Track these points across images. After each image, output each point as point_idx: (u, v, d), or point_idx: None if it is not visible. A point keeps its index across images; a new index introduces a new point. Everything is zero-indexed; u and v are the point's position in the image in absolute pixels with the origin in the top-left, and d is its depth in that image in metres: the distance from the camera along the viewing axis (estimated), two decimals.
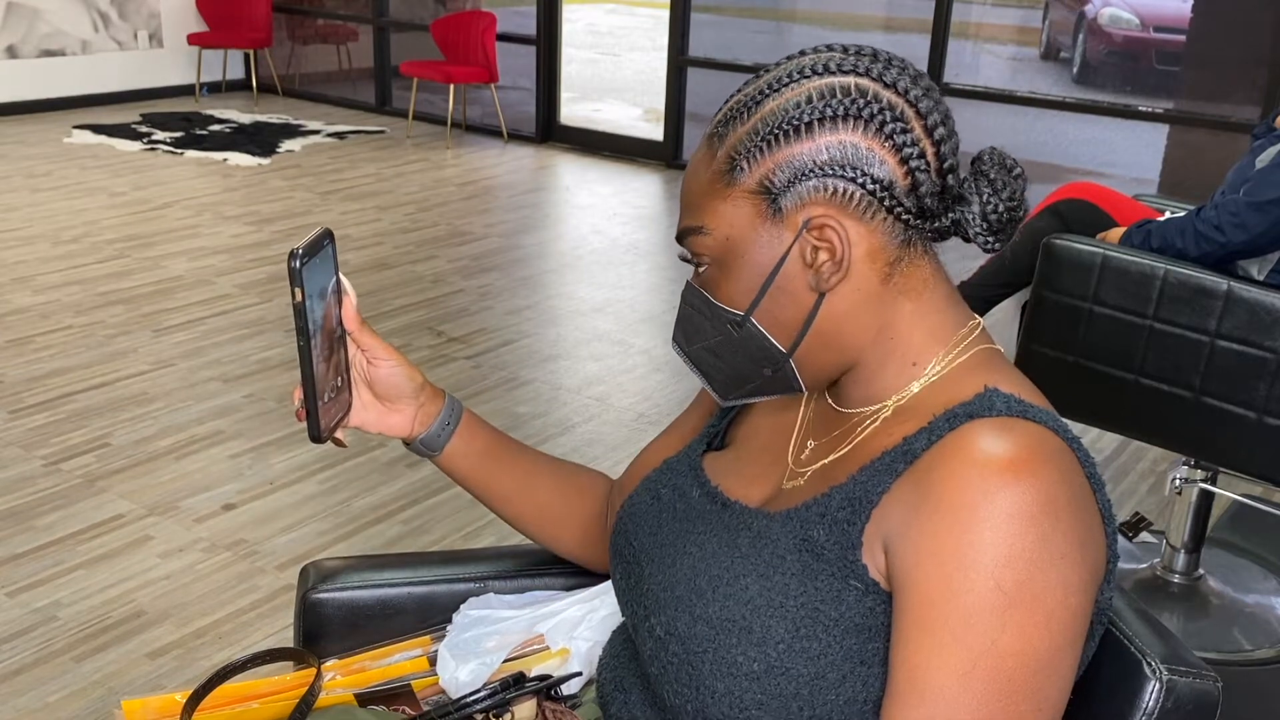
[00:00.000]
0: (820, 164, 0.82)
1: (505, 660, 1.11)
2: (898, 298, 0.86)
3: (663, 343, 3.71)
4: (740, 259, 0.86)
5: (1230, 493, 2.45)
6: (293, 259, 0.87)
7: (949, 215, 0.85)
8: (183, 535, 2.50)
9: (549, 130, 6.75)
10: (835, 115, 0.82)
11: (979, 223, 0.85)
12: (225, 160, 5.97)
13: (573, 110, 7.53)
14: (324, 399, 0.94)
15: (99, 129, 6.51)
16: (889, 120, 0.82)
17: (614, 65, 10.81)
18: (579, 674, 1.11)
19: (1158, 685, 0.84)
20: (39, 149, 6.06)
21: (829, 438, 0.91)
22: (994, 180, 0.85)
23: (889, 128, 0.82)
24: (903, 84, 0.84)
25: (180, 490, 2.68)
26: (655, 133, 6.53)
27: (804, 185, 0.83)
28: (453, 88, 6.58)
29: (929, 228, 0.85)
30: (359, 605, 1.18)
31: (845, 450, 0.88)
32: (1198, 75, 5.24)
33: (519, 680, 1.09)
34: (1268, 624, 2.35)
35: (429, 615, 1.19)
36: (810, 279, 0.84)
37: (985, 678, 0.73)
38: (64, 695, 1.99)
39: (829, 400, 0.93)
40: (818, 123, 0.82)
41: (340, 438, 1.00)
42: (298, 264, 0.87)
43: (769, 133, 0.83)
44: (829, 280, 0.84)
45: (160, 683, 2.03)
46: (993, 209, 0.85)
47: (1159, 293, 2.03)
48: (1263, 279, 2.09)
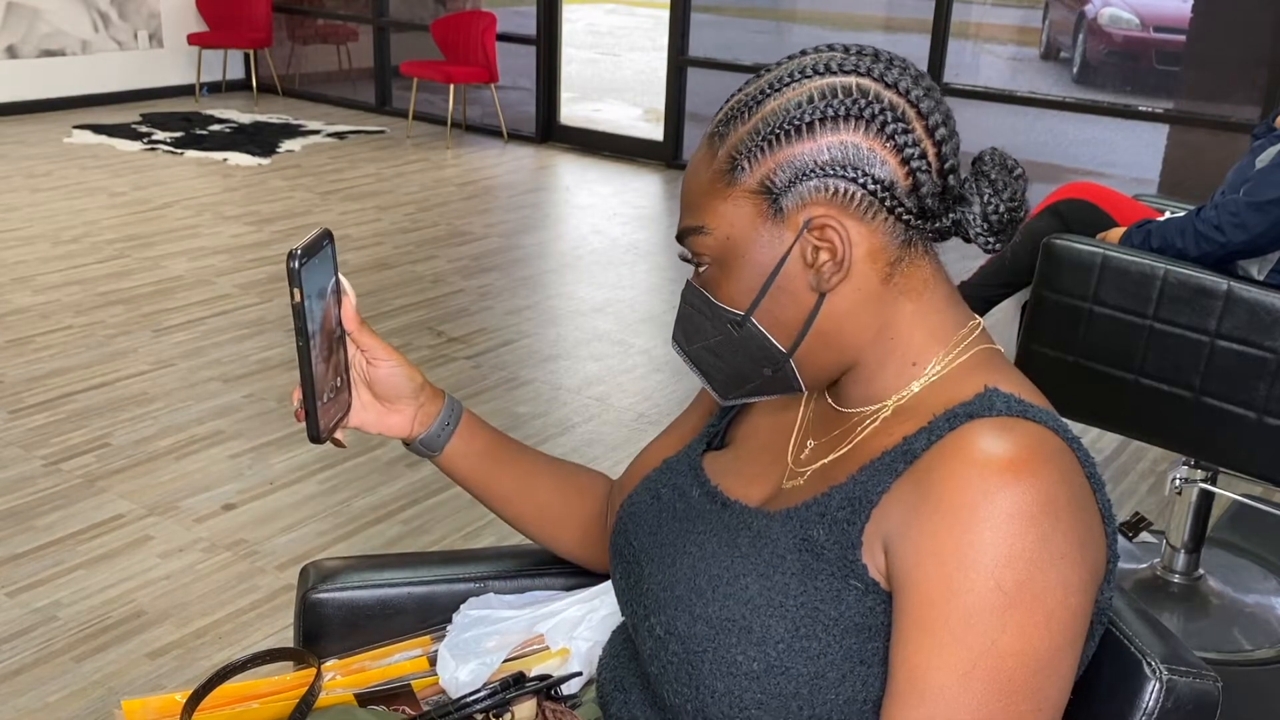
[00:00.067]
0: (821, 164, 0.82)
1: (505, 660, 1.11)
2: (898, 298, 0.86)
3: (663, 343, 3.71)
4: (741, 259, 0.86)
5: (1230, 493, 2.45)
6: (291, 259, 0.87)
7: (950, 215, 0.85)
8: (183, 535, 2.50)
9: (549, 130, 6.75)
10: (836, 115, 0.82)
11: (980, 223, 0.85)
12: (225, 160, 5.97)
13: (573, 110, 7.53)
14: (323, 399, 0.94)
15: (99, 129, 6.51)
16: (890, 120, 0.82)
17: (614, 65, 10.81)
18: (579, 674, 1.11)
19: (1158, 685, 0.84)
20: (39, 149, 6.06)
21: (829, 437, 0.91)
22: (995, 181, 0.85)
23: (890, 128, 0.82)
24: (904, 84, 0.84)
25: (180, 490, 2.68)
26: (655, 133, 6.53)
27: (805, 185, 0.83)
28: (453, 88, 6.58)
29: (930, 228, 0.85)
30: (359, 605, 1.18)
31: (845, 450, 0.88)
32: (1198, 75, 5.24)
33: (519, 680, 1.09)
34: (1268, 624, 2.35)
35: (429, 615, 1.19)
36: (811, 279, 0.84)
37: (985, 678, 0.73)
38: (64, 695, 1.99)
39: (829, 400, 0.93)
40: (819, 123, 0.82)
41: (339, 438, 1.00)
42: (296, 264, 0.87)
43: (770, 132, 0.83)
44: (830, 280, 0.84)
45: (160, 683, 2.03)
46: (993, 209, 0.85)
47: (1159, 293, 2.03)
48: (1263, 279, 2.09)
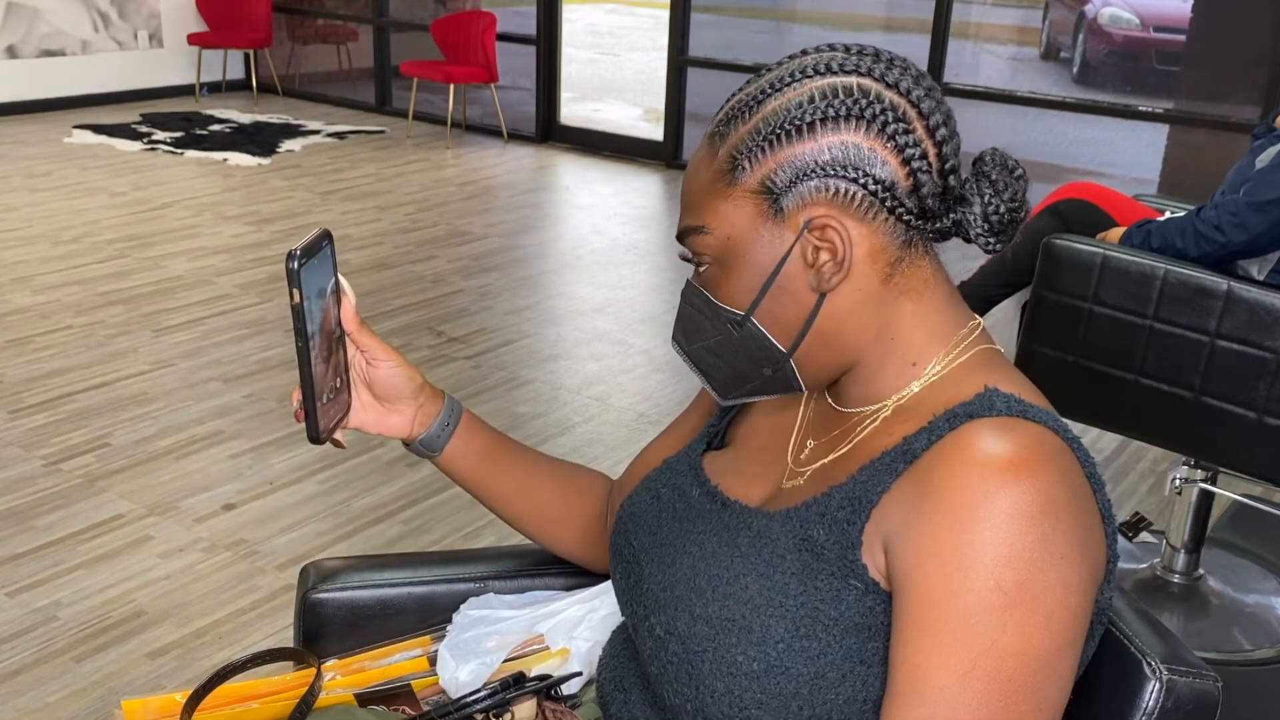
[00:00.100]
0: (822, 164, 0.82)
1: (505, 660, 1.11)
2: (898, 298, 0.86)
3: (663, 343, 3.71)
4: (741, 259, 0.86)
5: (1230, 493, 2.45)
6: (290, 260, 0.87)
7: (950, 216, 0.85)
8: (183, 535, 2.50)
9: (549, 130, 6.75)
10: (837, 115, 0.82)
11: (980, 224, 0.85)
12: (225, 160, 5.97)
13: (573, 110, 7.53)
14: (323, 400, 0.94)
15: (99, 129, 6.51)
16: (891, 121, 0.82)
17: (614, 65, 10.81)
18: (579, 674, 1.11)
19: (1158, 685, 0.84)
20: (39, 149, 6.06)
21: (829, 437, 0.91)
22: (996, 181, 0.85)
23: (891, 128, 0.82)
24: (905, 84, 0.84)
25: (180, 490, 2.68)
26: (655, 133, 6.53)
27: (806, 185, 0.83)
28: (453, 88, 6.58)
29: (930, 228, 0.85)
30: (359, 605, 1.18)
31: (845, 450, 0.88)
32: (1198, 75, 5.24)
33: (519, 680, 1.09)
34: (1268, 624, 2.35)
35: (429, 615, 1.19)
36: (811, 279, 0.84)
37: (985, 678, 0.73)
38: (64, 695, 1.99)
39: (829, 400, 0.93)
40: (820, 123, 0.82)
41: (339, 439, 1.00)
42: (295, 265, 0.87)
43: (771, 132, 0.83)
44: (830, 280, 0.84)
45: (160, 683, 2.03)
46: (994, 210, 0.85)
47: (1159, 293, 2.03)
48: (1263, 279, 2.09)
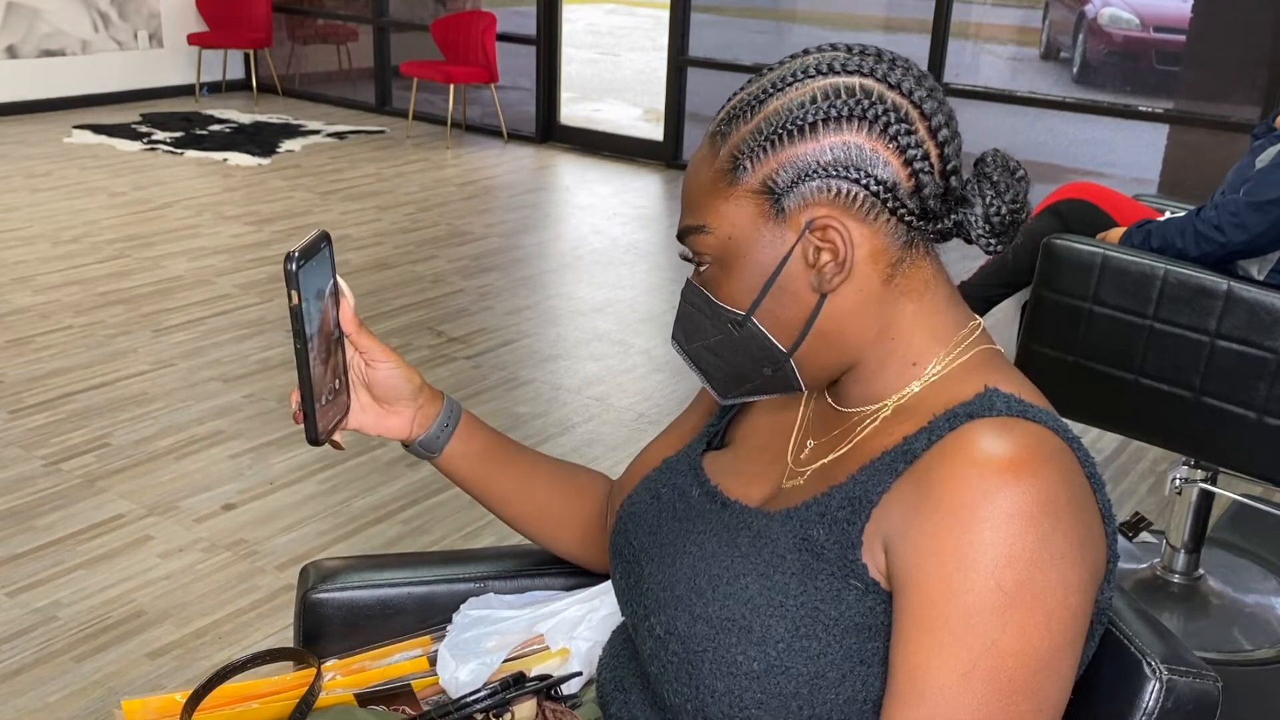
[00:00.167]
0: (824, 164, 0.82)
1: (505, 660, 1.11)
2: (899, 298, 0.86)
3: (663, 343, 3.71)
4: (742, 258, 0.85)
5: (1230, 493, 2.45)
6: (289, 262, 0.87)
7: (952, 217, 0.85)
8: (183, 535, 2.50)
9: (549, 130, 6.75)
10: (839, 116, 0.82)
11: (982, 225, 0.84)
12: (225, 160, 5.97)
13: (573, 110, 7.53)
14: (321, 401, 0.94)
15: (99, 129, 6.51)
16: (893, 121, 0.82)
17: (614, 65, 10.81)
18: (579, 674, 1.11)
19: (1158, 685, 0.84)
20: (39, 149, 6.06)
21: (829, 437, 0.91)
22: (997, 182, 0.85)
23: (893, 129, 0.82)
24: (907, 84, 0.83)
25: (180, 490, 2.69)
26: (655, 133, 6.53)
27: (807, 185, 0.83)
28: (453, 88, 6.58)
29: (931, 229, 0.85)
30: (359, 605, 1.18)
31: (845, 450, 0.88)
32: (1198, 75, 5.23)
33: (519, 680, 1.09)
34: (1268, 624, 2.35)
35: (429, 615, 1.19)
36: (812, 279, 0.84)
37: (985, 678, 0.73)
38: (64, 695, 1.99)
39: (829, 400, 0.93)
40: (822, 123, 0.82)
41: (338, 440, 1.00)
42: (294, 267, 0.87)
43: (772, 132, 0.83)
44: (831, 281, 0.84)
45: (160, 683, 2.03)
46: (995, 211, 0.84)
47: (1159, 293, 2.03)
48: (1263, 279, 2.09)
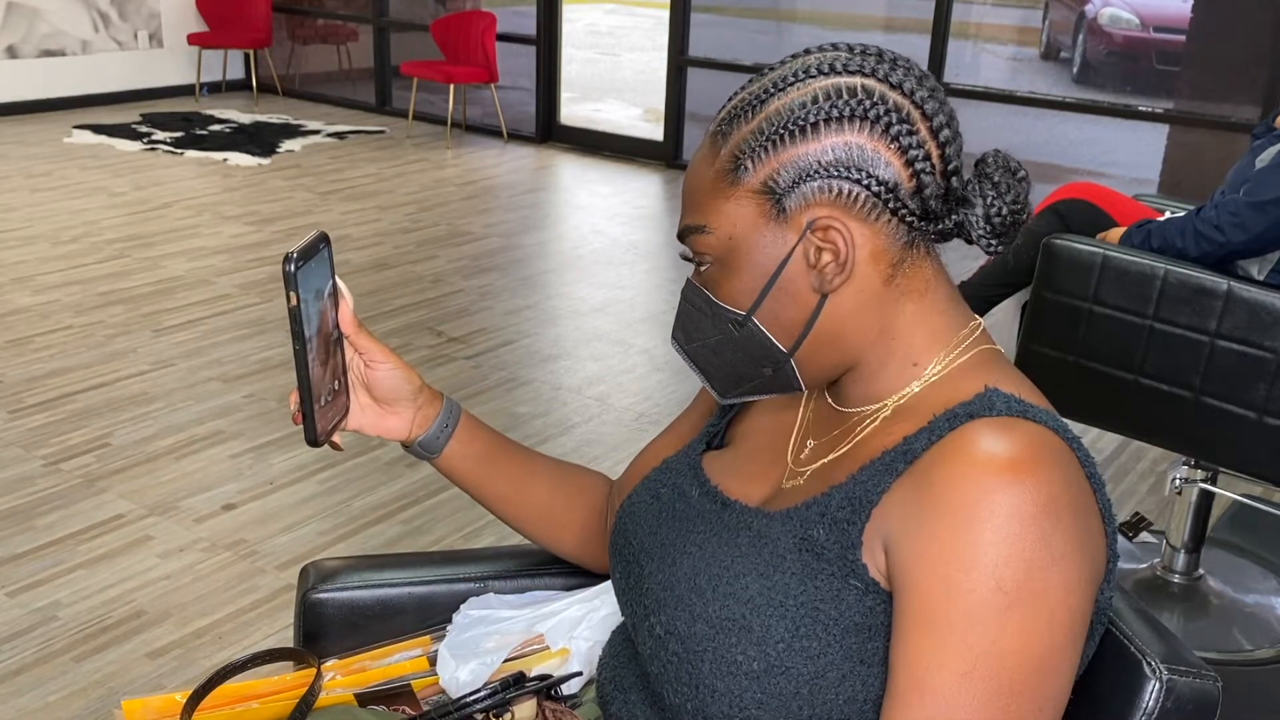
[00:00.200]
0: (825, 165, 0.82)
1: (505, 660, 1.11)
2: (900, 299, 0.86)
3: (663, 342, 3.71)
4: (743, 259, 0.85)
5: (1230, 493, 2.45)
6: (287, 263, 0.87)
7: (952, 217, 0.85)
8: (183, 535, 2.50)
9: (549, 130, 6.75)
10: (841, 116, 0.82)
11: (982, 225, 0.84)
12: (225, 160, 5.97)
13: (573, 110, 7.53)
14: (320, 402, 0.94)
15: (99, 129, 6.51)
16: (895, 122, 0.82)
17: (614, 65, 10.81)
18: (579, 674, 1.11)
19: (1158, 685, 0.84)
20: (39, 149, 6.06)
21: (828, 437, 0.91)
22: (998, 183, 0.85)
23: (894, 129, 0.82)
24: (908, 85, 0.83)
25: (180, 490, 2.68)
26: (655, 133, 6.53)
27: (808, 186, 0.83)
28: (453, 88, 6.58)
29: (932, 229, 0.85)
30: (359, 605, 1.18)
31: (845, 450, 0.88)
32: (1198, 75, 5.23)
33: (519, 680, 1.09)
34: (1268, 624, 2.35)
35: (429, 615, 1.19)
36: (813, 280, 0.84)
37: (986, 678, 0.73)
38: (64, 695, 1.99)
39: (829, 400, 0.93)
40: (823, 123, 0.82)
41: (337, 441, 1.00)
42: (292, 268, 0.87)
43: (774, 132, 0.83)
44: (832, 281, 0.84)
45: (160, 683, 2.03)
46: (996, 212, 0.84)
47: (1159, 293, 2.03)
48: (1263, 279, 2.08)
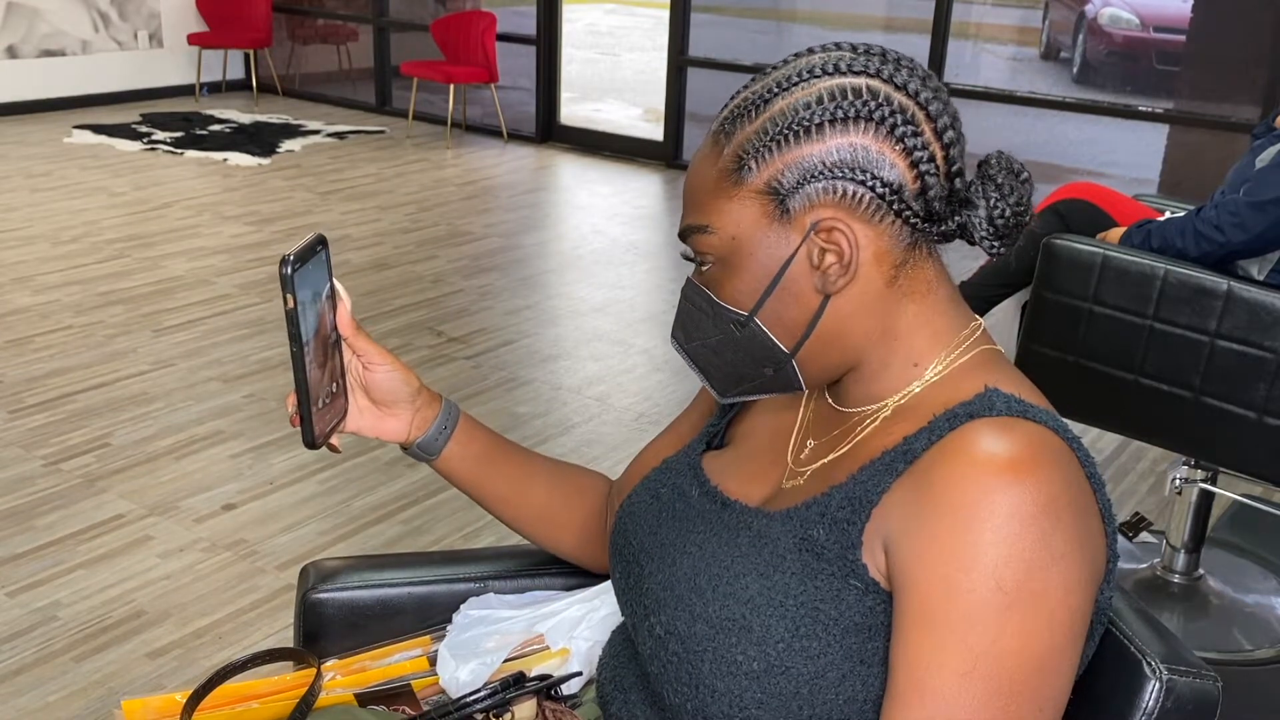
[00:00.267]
0: (830, 166, 0.82)
1: (505, 660, 1.11)
2: (902, 299, 0.86)
3: (663, 342, 3.71)
4: (746, 259, 0.85)
5: (1230, 493, 2.45)
6: (284, 265, 0.86)
7: (955, 219, 0.85)
8: (183, 535, 2.50)
9: (549, 130, 6.75)
10: (846, 117, 0.82)
11: (985, 227, 0.84)
12: (225, 160, 5.97)
13: (573, 110, 7.52)
14: (318, 405, 0.93)
15: (99, 129, 6.51)
16: (900, 123, 0.82)
17: (614, 65, 10.81)
18: (579, 674, 1.11)
19: (1158, 685, 0.84)
20: (39, 149, 6.06)
21: (829, 437, 0.91)
22: (1001, 185, 0.85)
23: (900, 131, 0.82)
24: (913, 86, 0.83)
25: (180, 490, 2.68)
26: (655, 133, 6.53)
27: (813, 187, 0.82)
28: (453, 88, 6.58)
29: (935, 231, 0.85)
30: (359, 605, 1.18)
31: (845, 450, 0.88)
32: (1198, 75, 5.23)
33: (519, 680, 1.09)
34: (1268, 624, 2.35)
35: (429, 615, 1.19)
36: (816, 281, 0.84)
37: (986, 678, 0.73)
38: (64, 695, 1.99)
39: (829, 400, 0.93)
40: (829, 124, 0.82)
41: (335, 443, 0.99)
42: (289, 270, 0.87)
43: (778, 133, 0.83)
44: (836, 283, 0.83)
45: (160, 683, 2.03)
46: (999, 213, 0.84)
47: (1159, 293, 2.03)
48: (1263, 279, 2.08)
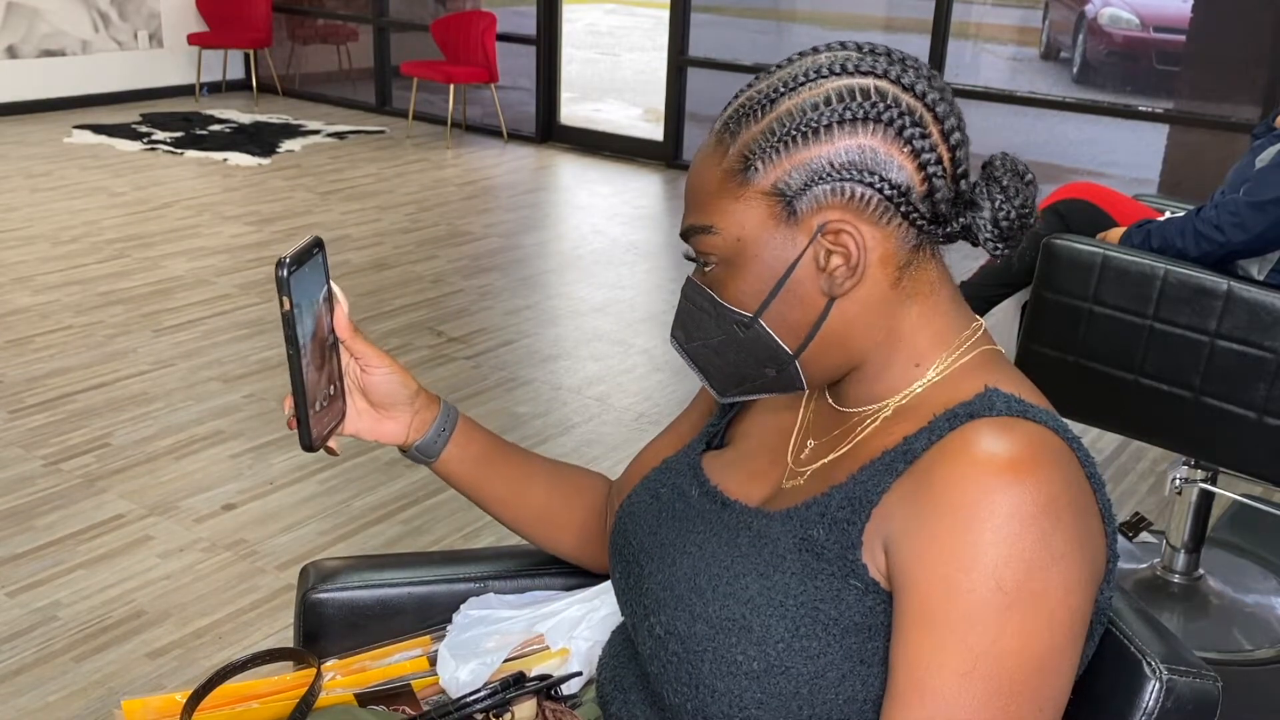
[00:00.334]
0: (838, 167, 0.81)
1: (505, 660, 1.11)
2: (905, 301, 0.86)
3: (662, 342, 3.71)
4: (751, 260, 0.85)
5: (1230, 493, 2.45)
6: (280, 268, 0.86)
7: (960, 220, 0.84)
8: (183, 535, 2.50)
9: (549, 130, 6.75)
10: (854, 118, 0.81)
11: (990, 229, 0.84)
12: (225, 160, 5.97)
13: (573, 110, 7.52)
14: (315, 407, 0.93)
15: (99, 129, 6.51)
16: (908, 125, 0.81)
17: (614, 65, 10.81)
18: (579, 674, 1.11)
19: (1158, 685, 0.84)
20: (39, 149, 6.06)
21: (829, 437, 0.91)
22: (1006, 186, 0.85)
23: (908, 133, 0.81)
24: (920, 87, 0.83)
25: (180, 490, 2.68)
26: (655, 133, 6.53)
27: (820, 188, 0.82)
28: (453, 88, 6.58)
29: (940, 232, 0.85)
30: (359, 605, 1.18)
31: (845, 450, 0.88)
32: (1198, 75, 5.23)
33: (519, 680, 1.09)
34: (1268, 624, 2.35)
35: (429, 615, 1.19)
36: (823, 283, 0.84)
37: (986, 678, 0.73)
38: (64, 695, 1.99)
39: (829, 400, 0.93)
40: (836, 125, 0.81)
41: (333, 446, 0.99)
42: (285, 273, 0.86)
43: (786, 133, 0.82)
44: (842, 285, 0.83)
45: (160, 683, 2.03)
46: (1004, 215, 0.84)
47: (1159, 293, 2.03)
48: (1263, 279, 2.08)
